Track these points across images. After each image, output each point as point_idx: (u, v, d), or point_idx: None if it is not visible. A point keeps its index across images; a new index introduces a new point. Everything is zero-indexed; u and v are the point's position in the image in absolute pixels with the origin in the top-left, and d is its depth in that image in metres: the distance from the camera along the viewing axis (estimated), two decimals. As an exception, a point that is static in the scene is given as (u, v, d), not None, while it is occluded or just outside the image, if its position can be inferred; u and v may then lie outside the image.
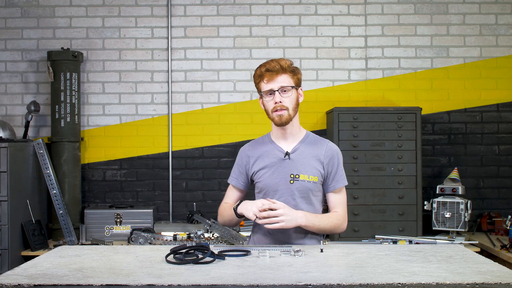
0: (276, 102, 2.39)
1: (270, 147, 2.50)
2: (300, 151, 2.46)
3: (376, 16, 4.61)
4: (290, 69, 2.42)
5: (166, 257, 2.03)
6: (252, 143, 2.58)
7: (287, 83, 2.41)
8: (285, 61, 2.42)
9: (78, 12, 4.59)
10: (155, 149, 4.59)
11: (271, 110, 2.41)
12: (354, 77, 4.61)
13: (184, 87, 4.60)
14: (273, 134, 2.53)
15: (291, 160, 2.44)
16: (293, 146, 2.48)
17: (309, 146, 2.48)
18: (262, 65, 2.44)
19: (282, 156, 2.45)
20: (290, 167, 2.43)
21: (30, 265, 1.98)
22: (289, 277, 1.77)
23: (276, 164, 2.45)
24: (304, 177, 2.42)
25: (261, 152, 2.50)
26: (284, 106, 2.40)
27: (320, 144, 2.50)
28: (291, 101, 2.42)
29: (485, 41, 4.59)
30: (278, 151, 2.47)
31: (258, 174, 2.48)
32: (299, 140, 2.49)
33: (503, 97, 4.59)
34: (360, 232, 4.05)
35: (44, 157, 4.11)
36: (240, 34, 4.60)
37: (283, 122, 2.42)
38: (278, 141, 2.50)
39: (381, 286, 1.67)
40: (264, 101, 2.44)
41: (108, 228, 4.26)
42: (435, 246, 2.36)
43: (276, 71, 2.38)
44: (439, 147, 4.59)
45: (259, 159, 2.49)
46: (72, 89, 4.33)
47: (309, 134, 2.55)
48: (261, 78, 2.42)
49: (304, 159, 2.45)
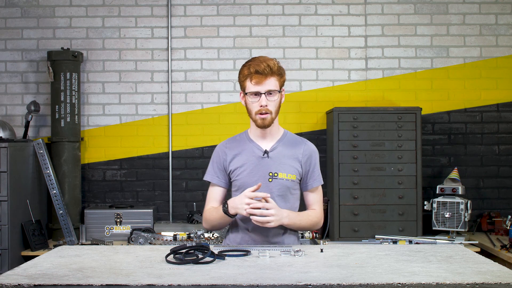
0: (261, 105, 2.38)
1: (248, 145, 2.50)
2: (279, 150, 2.47)
3: (376, 16, 4.61)
4: (278, 71, 2.41)
5: (166, 257, 2.03)
6: (229, 140, 2.57)
7: (274, 86, 2.39)
8: (273, 62, 2.40)
9: (78, 12, 4.59)
10: (155, 149, 4.59)
11: (255, 112, 2.40)
12: (354, 77, 4.61)
13: (184, 87, 4.60)
14: (252, 132, 2.52)
15: (270, 159, 2.45)
16: (271, 145, 2.48)
17: (287, 145, 2.50)
18: (251, 64, 2.40)
19: (260, 155, 2.45)
20: (269, 165, 2.44)
21: (30, 265, 1.98)
22: (289, 277, 1.77)
23: (254, 162, 2.45)
24: (283, 176, 2.43)
25: (239, 150, 2.50)
26: (269, 110, 2.40)
27: (298, 143, 2.52)
28: (276, 104, 2.43)
29: (485, 41, 4.59)
30: (257, 149, 2.47)
31: (235, 172, 2.47)
32: (278, 139, 2.50)
33: (503, 97, 4.59)
34: (360, 232, 4.05)
35: (44, 157, 4.11)
36: (240, 34, 4.60)
37: (266, 125, 2.42)
38: (257, 139, 2.50)
39: (381, 286, 1.67)
40: (249, 101, 2.42)
41: (108, 228, 4.26)
42: (435, 246, 2.36)
43: (265, 74, 2.37)
44: (439, 147, 4.59)
45: (237, 157, 2.49)
46: (72, 89, 4.33)
47: (287, 133, 2.56)
48: (248, 78, 2.39)
49: (282, 157, 2.46)
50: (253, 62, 2.41)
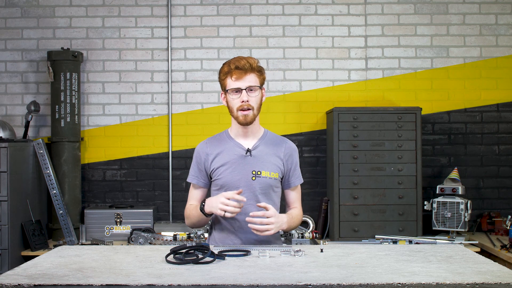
0: (243, 100, 2.39)
1: (230, 144, 2.50)
2: (261, 148, 2.49)
3: (376, 16, 4.61)
4: (258, 68, 2.43)
5: (166, 257, 2.03)
6: (210, 140, 2.57)
7: (254, 82, 2.41)
8: (253, 59, 2.42)
9: (78, 12, 4.59)
10: (155, 149, 4.59)
11: (237, 108, 2.42)
12: (354, 77, 4.61)
13: (184, 87, 4.60)
14: (233, 131, 2.53)
15: (252, 157, 2.46)
16: (253, 143, 2.49)
17: (269, 143, 2.51)
18: (230, 61, 2.42)
19: (243, 153, 2.46)
20: (252, 164, 2.45)
21: (30, 265, 1.98)
22: (289, 277, 1.77)
23: (237, 161, 2.46)
24: (266, 174, 2.45)
25: (220, 149, 2.50)
26: (251, 106, 2.41)
27: (279, 142, 2.54)
28: (257, 100, 2.43)
29: (485, 41, 4.59)
30: (239, 148, 2.48)
31: (217, 171, 2.47)
32: (259, 138, 2.52)
33: (503, 97, 4.59)
34: (360, 232, 4.05)
35: (44, 157, 4.11)
36: (240, 34, 4.60)
37: (248, 122, 2.43)
38: (238, 138, 2.51)
39: (381, 286, 1.67)
40: (230, 98, 2.43)
41: (108, 228, 4.26)
42: (435, 246, 2.36)
43: (245, 69, 2.38)
44: (439, 147, 4.59)
45: (218, 156, 2.49)
46: (72, 89, 4.33)
47: (267, 132, 2.57)
48: (229, 75, 2.41)
49: (265, 155, 2.47)
50: (233, 59, 2.43)
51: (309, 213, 4.46)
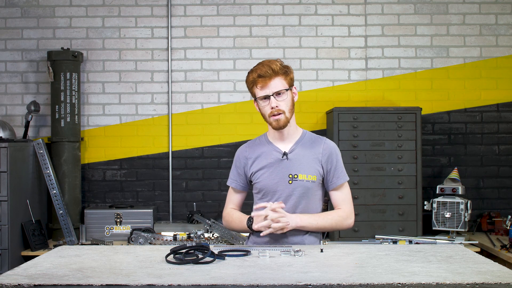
0: (272, 107, 2.39)
1: (267, 148, 2.51)
2: (298, 151, 2.47)
3: (376, 16, 4.61)
4: (282, 71, 2.40)
5: (166, 257, 2.03)
6: (249, 144, 2.59)
7: (280, 86, 2.39)
8: (275, 63, 2.39)
9: (78, 12, 4.59)
10: (155, 149, 4.59)
11: (268, 115, 2.42)
12: (354, 77, 4.61)
13: (184, 87, 4.60)
14: (270, 135, 2.54)
15: (289, 160, 2.45)
16: (290, 146, 2.48)
17: (306, 145, 2.49)
18: (253, 70, 2.41)
19: (280, 157, 2.46)
20: (288, 167, 2.44)
21: (30, 265, 1.98)
22: (289, 277, 1.77)
23: (274, 164, 2.46)
24: (303, 177, 2.43)
25: (259, 153, 2.51)
26: (281, 110, 2.40)
27: (317, 142, 2.51)
28: (287, 103, 2.42)
29: (485, 41, 4.59)
30: (276, 151, 2.48)
31: (256, 175, 2.49)
32: (296, 140, 2.50)
33: (503, 97, 4.59)
34: (360, 232, 4.05)
35: (44, 157, 4.10)
36: (240, 34, 4.60)
37: (281, 126, 2.42)
38: (275, 141, 2.51)
39: (381, 286, 1.67)
40: (260, 106, 2.44)
41: (108, 228, 4.26)
42: (435, 246, 2.36)
43: (268, 76, 2.37)
44: (439, 147, 4.59)
45: (257, 160, 2.50)
46: (72, 89, 4.33)
47: (306, 133, 2.55)
48: (254, 84, 2.41)
49: (302, 158, 2.46)
50: (255, 67, 2.42)
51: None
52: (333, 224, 2.46)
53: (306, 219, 2.40)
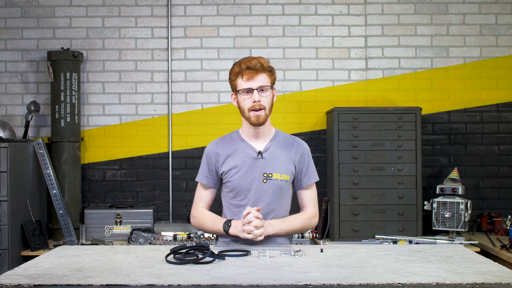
0: (255, 101, 2.37)
1: (241, 145, 2.48)
2: (272, 150, 2.47)
3: (376, 16, 4.61)
4: (269, 68, 2.41)
5: (166, 257, 2.03)
6: (220, 140, 2.55)
7: (265, 82, 2.39)
8: (264, 59, 2.40)
9: (78, 12, 4.59)
10: (155, 149, 4.59)
11: (248, 108, 2.39)
12: (354, 77, 4.61)
13: (184, 87, 4.60)
14: (244, 132, 2.51)
15: (264, 159, 2.44)
16: (264, 145, 2.47)
17: (280, 144, 2.49)
18: (241, 62, 2.40)
19: (254, 155, 2.44)
20: (263, 166, 2.43)
21: (30, 265, 1.98)
22: (289, 277, 1.77)
23: (248, 163, 2.44)
24: (277, 176, 2.43)
25: (231, 151, 2.48)
26: (262, 106, 2.39)
27: (290, 142, 2.52)
28: (268, 101, 2.42)
29: (485, 41, 4.59)
30: (251, 150, 2.46)
31: (229, 173, 2.46)
32: (270, 139, 2.49)
33: (503, 97, 4.59)
34: (360, 232, 4.05)
35: (44, 157, 4.10)
36: (240, 34, 4.60)
37: (260, 122, 2.41)
38: (249, 139, 2.49)
39: (381, 286, 1.67)
40: (241, 98, 2.41)
41: (108, 228, 4.26)
42: (435, 246, 2.36)
43: (256, 69, 2.37)
44: (439, 147, 4.59)
45: (229, 158, 2.47)
46: (72, 89, 4.33)
47: (278, 132, 2.55)
48: (240, 75, 2.39)
49: (276, 157, 2.46)
50: (244, 59, 2.42)
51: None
52: (302, 226, 2.49)
53: (277, 226, 2.40)
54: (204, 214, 2.50)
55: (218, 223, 2.42)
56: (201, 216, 2.50)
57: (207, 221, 2.47)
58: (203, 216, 2.50)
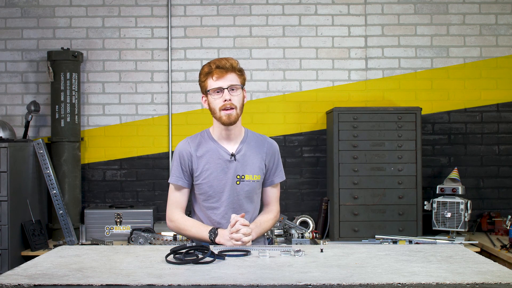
0: (225, 99, 2.37)
1: (213, 146, 2.47)
2: (244, 151, 2.47)
3: (376, 16, 4.61)
4: (238, 68, 2.43)
5: (166, 257, 2.03)
6: (191, 139, 2.52)
7: (236, 81, 2.40)
8: (233, 60, 2.42)
9: (78, 12, 4.59)
10: (155, 149, 4.59)
11: (219, 108, 2.39)
12: (354, 77, 4.61)
13: (184, 87, 4.60)
14: (215, 133, 2.49)
15: (237, 161, 2.45)
16: (236, 147, 2.47)
17: (251, 144, 2.50)
18: (211, 62, 2.41)
19: (228, 158, 2.44)
20: (236, 168, 2.44)
21: (30, 265, 1.98)
22: (289, 277, 1.77)
23: (221, 165, 2.44)
24: (249, 177, 2.45)
25: (203, 152, 2.47)
26: (233, 105, 2.39)
27: (260, 142, 2.53)
28: (239, 100, 2.42)
29: (485, 41, 4.59)
30: (223, 152, 2.46)
31: (201, 175, 2.44)
32: (241, 140, 2.50)
33: (503, 97, 4.59)
34: (360, 232, 4.05)
35: (44, 157, 4.10)
36: (240, 34, 4.60)
37: (232, 121, 2.40)
38: (221, 141, 2.48)
39: (381, 286, 1.67)
40: (211, 98, 2.41)
41: (108, 228, 4.26)
42: (435, 246, 2.36)
43: (226, 69, 2.38)
44: (439, 147, 4.59)
45: (202, 159, 2.46)
46: (72, 89, 4.33)
47: (248, 132, 2.55)
48: (210, 75, 2.40)
49: (248, 159, 2.46)
50: (213, 60, 2.43)
51: (309, 213, 4.47)
52: (270, 226, 2.56)
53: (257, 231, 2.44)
54: (184, 220, 2.48)
55: (203, 230, 2.41)
56: (181, 222, 2.47)
57: (189, 227, 2.45)
58: (183, 222, 2.47)
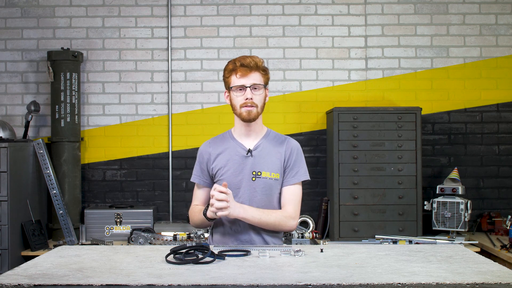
0: (247, 98, 2.39)
1: (231, 144, 2.50)
2: (262, 148, 2.47)
3: (376, 16, 4.61)
4: (263, 68, 2.44)
5: (166, 257, 2.03)
6: (213, 140, 2.57)
7: (259, 81, 2.41)
8: (259, 58, 2.44)
9: (78, 12, 4.59)
10: (155, 149, 4.59)
11: (240, 105, 2.41)
12: (354, 77, 4.61)
13: (184, 87, 4.60)
14: (236, 131, 2.53)
15: (253, 157, 2.45)
16: (255, 143, 2.48)
17: (270, 143, 2.50)
18: (236, 59, 2.43)
19: (244, 154, 2.46)
20: (252, 164, 2.44)
21: (30, 265, 1.98)
22: (289, 277, 1.77)
23: (238, 161, 2.45)
24: (266, 174, 2.44)
25: (222, 149, 2.50)
26: (254, 103, 2.40)
27: (281, 141, 2.52)
28: (261, 99, 2.43)
29: (485, 41, 4.59)
30: (241, 148, 2.48)
31: (219, 172, 2.47)
32: (261, 137, 2.51)
33: (503, 97, 4.59)
34: (360, 232, 4.05)
35: (44, 157, 4.10)
36: (240, 34, 4.61)
37: (251, 118, 2.41)
38: (241, 138, 2.50)
39: (381, 286, 1.67)
40: (233, 95, 2.43)
41: (108, 228, 4.26)
42: (435, 246, 2.36)
43: (250, 67, 2.40)
44: (439, 147, 4.59)
45: (220, 156, 2.49)
46: (72, 89, 4.33)
47: (270, 131, 2.56)
48: (234, 72, 2.42)
49: (266, 156, 2.46)
50: (238, 57, 2.44)
51: (309, 213, 4.47)
52: (276, 222, 2.41)
53: (249, 212, 2.35)
54: (193, 210, 2.52)
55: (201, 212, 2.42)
56: (191, 212, 2.53)
57: (196, 213, 2.48)
58: (193, 211, 2.52)
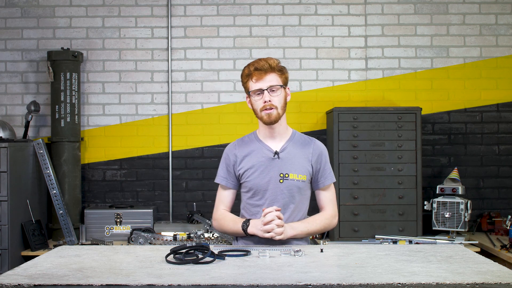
0: (265, 101, 2.40)
1: (257, 146, 2.50)
2: (289, 150, 2.47)
3: (376, 16, 4.61)
4: (278, 68, 2.44)
5: (166, 257, 2.03)
6: (239, 141, 2.57)
7: (275, 82, 2.41)
8: (273, 60, 2.43)
9: (78, 12, 4.59)
10: (155, 149, 4.59)
11: (260, 109, 2.42)
12: (354, 77, 4.61)
13: (184, 87, 4.60)
14: (260, 133, 2.53)
15: (280, 159, 2.45)
16: (281, 145, 2.48)
17: (297, 144, 2.50)
18: (250, 64, 2.44)
19: (271, 156, 2.45)
20: (280, 166, 2.44)
21: (30, 265, 1.98)
22: (289, 277, 1.77)
23: (265, 163, 2.45)
24: (294, 176, 2.43)
25: (248, 151, 2.50)
26: (273, 105, 2.41)
27: (307, 142, 2.52)
28: (280, 100, 2.43)
29: (485, 41, 4.59)
30: (267, 150, 2.47)
31: (246, 174, 2.47)
32: (287, 139, 2.51)
33: (503, 97, 4.59)
34: (360, 232, 4.05)
35: (44, 157, 4.10)
36: (240, 34, 4.60)
37: (272, 121, 2.42)
38: (266, 140, 2.50)
39: (381, 286, 1.67)
40: (253, 100, 2.44)
41: (108, 228, 4.26)
42: (435, 246, 2.36)
43: (265, 70, 2.40)
44: (439, 147, 4.59)
45: (246, 158, 2.49)
46: (72, 89, 4.33)
47: (296, 133, 2.56)
48: (250, 77, 2.42)
49: (293, 158, 2.46)
50: (252, 62, 2.45)
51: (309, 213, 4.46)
52: (322, 227, 2.48)
53: (298, 228, 2.39)
54: (224, 216, 2.50)
55: (238, 223, 2.41)
56: (222, 218, 2.50)
57: (228, 221, 2.47)
58: (223, 217, 2.50)
